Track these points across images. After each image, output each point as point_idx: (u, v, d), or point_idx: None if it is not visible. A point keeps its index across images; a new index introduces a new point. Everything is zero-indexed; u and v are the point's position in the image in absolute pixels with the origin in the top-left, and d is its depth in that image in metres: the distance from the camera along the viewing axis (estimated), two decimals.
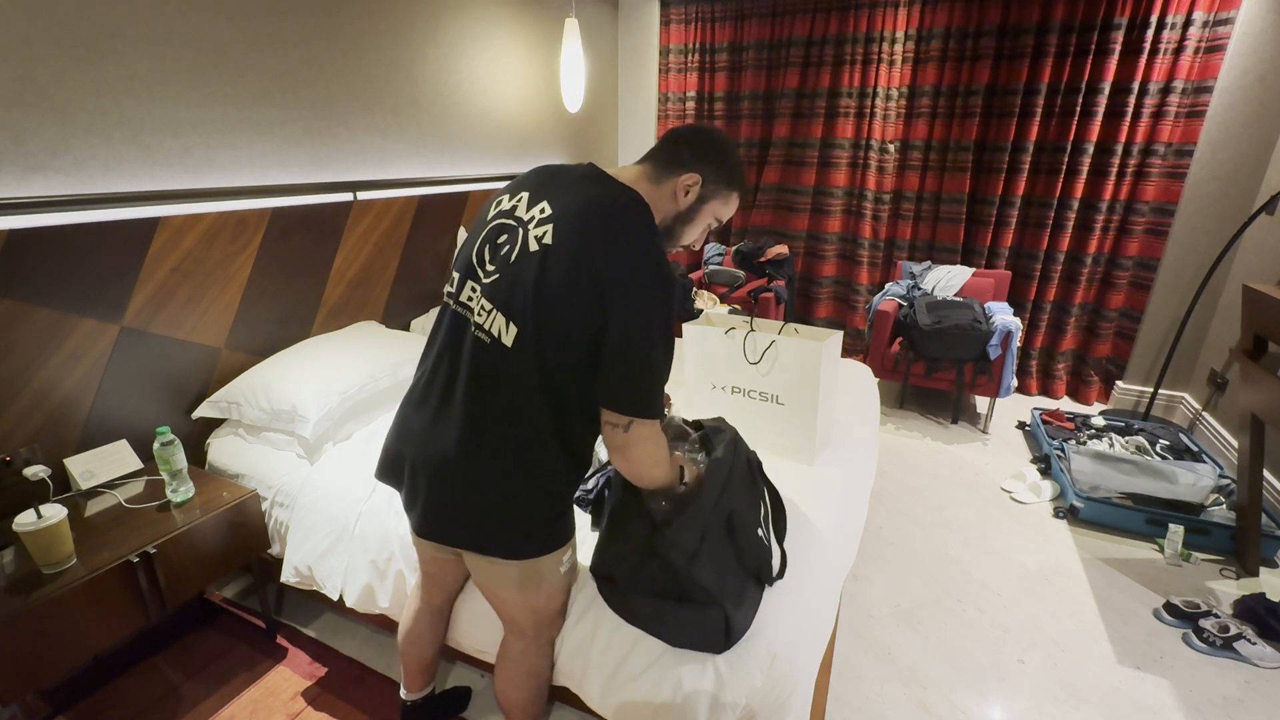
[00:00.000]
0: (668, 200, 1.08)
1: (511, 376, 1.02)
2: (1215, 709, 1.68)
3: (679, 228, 1.11)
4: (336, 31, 2.29)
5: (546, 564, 1.16)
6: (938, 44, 3.44)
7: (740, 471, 1.26)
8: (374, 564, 1.55)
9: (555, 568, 1.18)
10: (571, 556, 1.23)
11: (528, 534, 1.11)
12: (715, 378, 1.81)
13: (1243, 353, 2.20)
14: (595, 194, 1.02)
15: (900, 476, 2.82)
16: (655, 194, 1.07)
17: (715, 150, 1.08)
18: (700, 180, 1.07)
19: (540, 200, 1.04)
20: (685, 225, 1.11)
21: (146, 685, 1.70)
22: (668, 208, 1.08)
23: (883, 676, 1.76)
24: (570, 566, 1.24)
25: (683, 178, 1.07)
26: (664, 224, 1.09)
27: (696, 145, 1.07)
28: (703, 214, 1.11)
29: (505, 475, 1.06)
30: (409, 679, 1.48)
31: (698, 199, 1.09)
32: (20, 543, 1.37)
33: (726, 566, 1.16)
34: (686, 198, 1.08)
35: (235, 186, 2.00)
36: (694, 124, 1.10)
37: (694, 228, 1.12)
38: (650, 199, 1.06)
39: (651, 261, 0.97)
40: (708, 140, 1.08)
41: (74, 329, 1.64)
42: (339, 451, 1.82)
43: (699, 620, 1.14)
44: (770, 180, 4.06)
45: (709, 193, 1.09)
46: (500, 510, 1.08)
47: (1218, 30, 2.94)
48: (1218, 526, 2.27)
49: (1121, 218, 3.34)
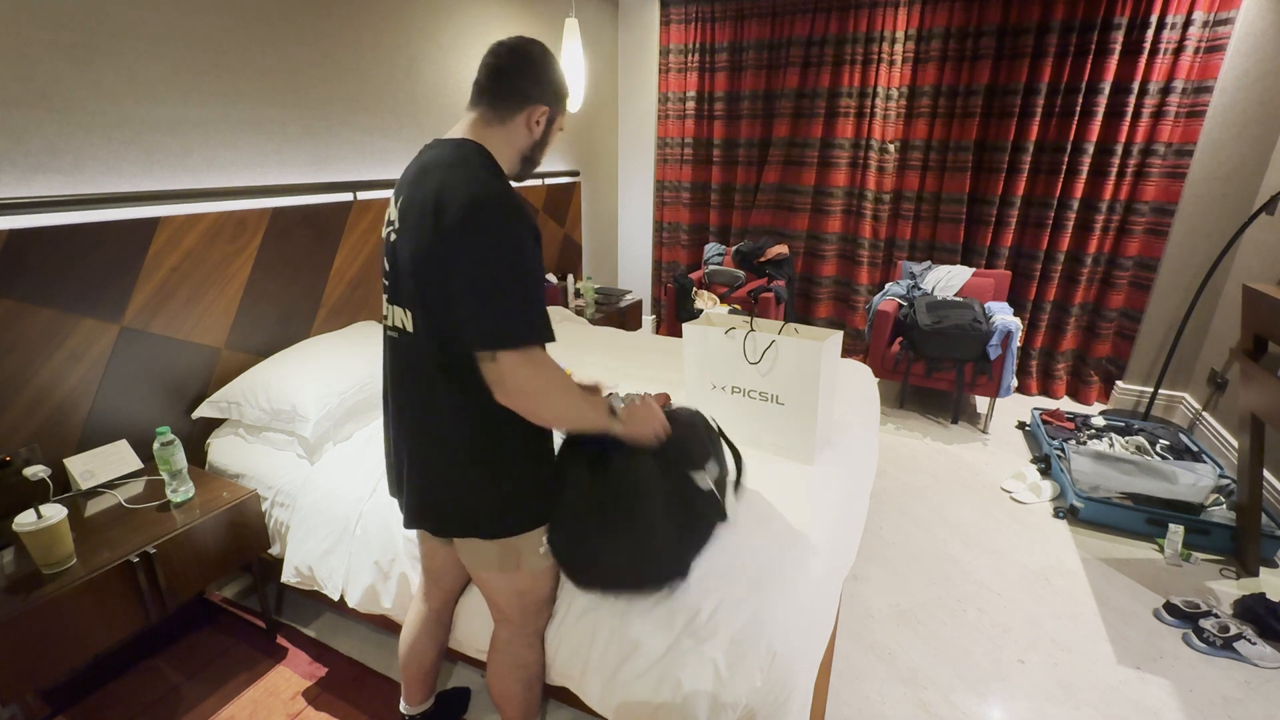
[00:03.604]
0: (521, 135, 1.11)
1: (420, 363, 1.07)
2: (1215, 709, 1.68)
3: (538, 153, 1.16)
4: (336, 31, 2.29)
5: (524, 545, 1.17)
6: (938, 44, 3.44)
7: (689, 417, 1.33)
8: (377, 565, 1.55)
9: (534, 549, 1.19)
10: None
11: (489, 515, 1.13)
12: (715, 378, 1.81)
13: (1243, 353, 2.20)
14: (426, 161, 1.06)
15: (900, 476, 2.82)
16: (503, 133, 1.09)
17: (546, 74, 1.10)
18: (546, 108, 1.12)
19: (399, 194, 1.09)
20: (543, 149, 1.17)
21: (146, 685, 1.70)
22: (522, 141, 1.12)
23: (883, 676, 1.76)
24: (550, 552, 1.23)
25: (531, 112, 1.09)
26: (524, 155, 1.13)
27: (530, 75, 1.08)
28: (552, 133, 1.17)
29: (448, 460, 1.09)
30: (408, 690, 1.48)
31: (548, 122, 1.14)
32: (20, 543, 1.37)
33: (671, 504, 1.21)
34: (539, 127, 1.12)
35: (235, 186, 2.00)
36: (511, 46, 1.08)
37: (548, 147, 1.18)
38: (499, 139, 1.08)
39: (480, 199, 0.97)
40: (537, 67, 1.09)
41: (74, 329, 1.64)
42: (339, 451, 1.82)
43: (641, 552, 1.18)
44: (770, 180, 4.06)
45: (554, 114, 1.14)
46: (459, 493, 1.11)
47: (1218, 30, 2.94)
48: (1218, 526, 2.27)
49: (1121, 218, 3.35)
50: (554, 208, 3.71)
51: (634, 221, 4.65)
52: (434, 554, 1.34)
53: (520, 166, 1.15)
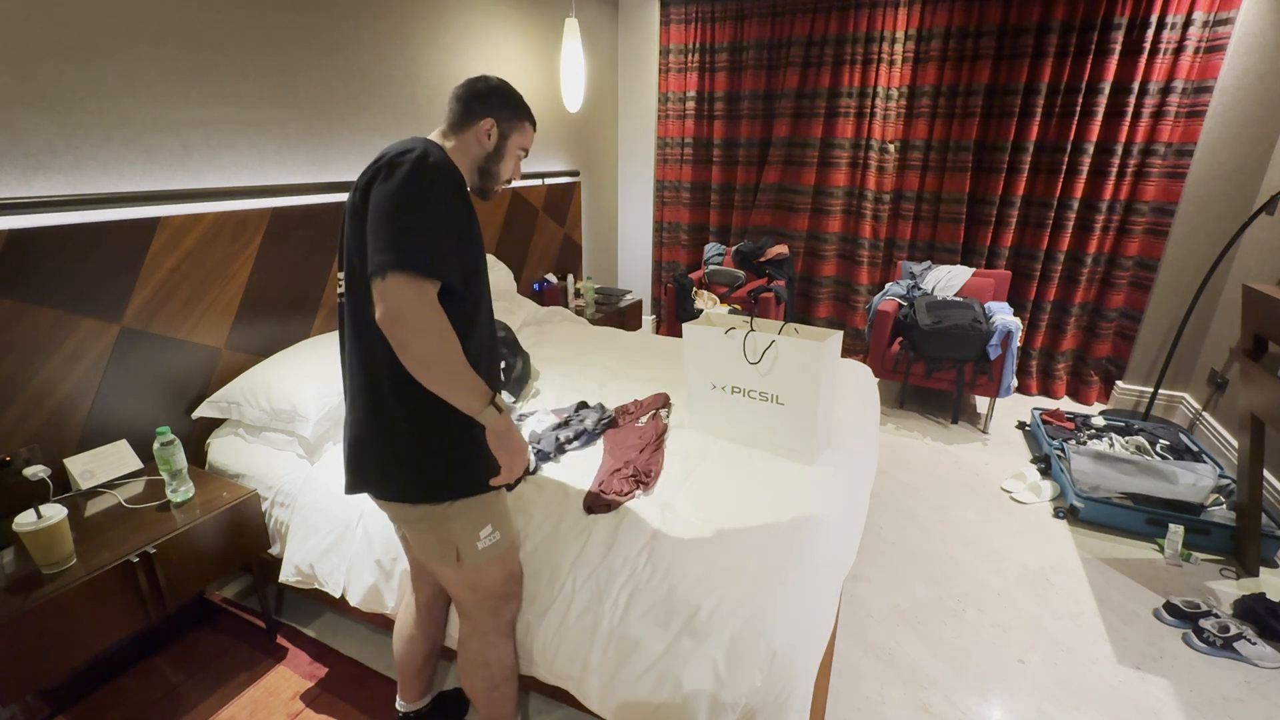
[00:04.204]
0: (476, 146, 1.22)
1: (355, 317, 1.12)
2: (1215, 709, 1.68)
3: (493, 165, 1.25)
4: (336, 31, 2.29)
5: (461, 535, 1.17)
6: (938, 44, 3.44)
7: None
8: (379, 564, 1.55)
9: (470, 540, 1.18)
10: (496, 534, 1.21)
11: (414, 472, 1.14)
12: (715, 378, 1.81)
13: (1243, 353, 2.20)
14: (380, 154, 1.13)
15: (900, 476, 2.81)
16: (462, 144, 1.21)
17: (496, 94, 1.23)
18: (495, 122, 1.22)
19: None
20: (498, 162, 1.25)
21: (146, 685, 1.70)
22: (477, 151, 1.22)
23: (883, 676, 1.76)
24: (495, 543, 1.22)
25: (480, 125, 1.21)
26: (479, 166, 1.23)
27: (479, 95, 1.21)
28: (508, 148, 1.26)
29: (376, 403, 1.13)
30: (403, 687, 1.49)
31: (500, 136, 1.23)
32: (20, 543, 1.37)
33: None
34: (490, 140, 1.22)
35: (235, 186, 2.00)
36: (470, 80, 1.23)
37: (506, 162, 1.27)
38: (459, 149, 1.20)
39: (410, 152, 1.04)
40: (486, 88, 1.22)
41: (74, 329, 1.64)
42: (340, 451, 1.82)
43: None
44: (770, 180, 4.06)
45: (506, 129, 1.24)
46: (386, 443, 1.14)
47: (1218, 30, 2.94)
48: (1218, 526, 2.27)
49: (1121, 218, 3.34)
50: (554, 208, 3.71)
51: (634, 221, 4.65)
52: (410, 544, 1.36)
53: (479, 179, 1.24)
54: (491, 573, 1.25)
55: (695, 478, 1.63)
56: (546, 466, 1.69)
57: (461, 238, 1.09)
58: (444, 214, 1.05)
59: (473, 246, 1.14)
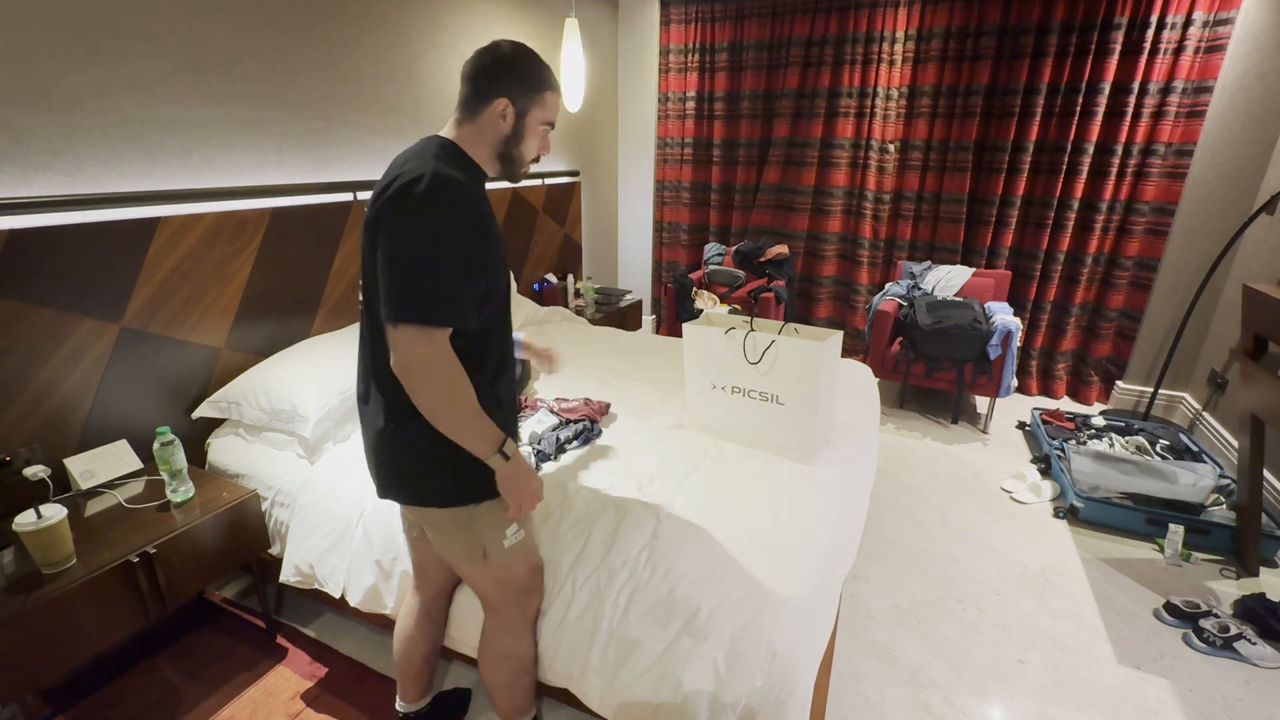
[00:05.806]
0: (491, 130, 1.13)
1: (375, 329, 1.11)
2: (1215, 709, 1.68)
3: (514, 148, 1.16)
4: (336, 32, 2.29)
5: (487, 535, 1.19)
6: (938, 44, 3.44)
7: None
8: (379, 564, 1.55)
9: (496, 539, 1.20)
10: (520, 531, 1.24)
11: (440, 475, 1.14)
12: (715, 378, 1.81)
13: (1243, 353, 2.20)
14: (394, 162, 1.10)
15: (900, 476, 2.81)
16: (477, 131, 1.13)
17: (507, 67, 1.12)
18: (509, 100, 1.11)
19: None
20: (519, 144, 1.16)
21: (146, 685, 1.70)
22: (493, 136, 1.13)
23: (883, 677, 1.76)
24: (520, 540, 1.24)
25: (493, 106, 1.11)
26: (499, 151, 1.15)
27: (488, 72, 1.11)
28: (529, 126, 1.15)
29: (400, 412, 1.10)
30: (403, 687, 1.49)
31: (517, 115, 1.13)
32: (20, 543, 1.37)
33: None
34: (506, 121, 1.13)
35: (235, 186, 2.00)
36: (482, 49, 1.13)
37: (529, 141, 1.17)
38: (474, 137, 1.13)
39: (421, 179, 0.99)
40: (494, 61, 1.12)
41: (74, 329, 1.64)
42: (339, 451, 1.82)
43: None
44: (770, 180, 4.06)
45: (523, 106, 1.13)
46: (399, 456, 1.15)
47: (1218, 30, 2.94)
48: (1218, 526, 2.27)
49: (1121, 218, 3.34)
50: (554, 208, 3.71)
51: (634, 221, 4.65)
52: (418, 545, 1.36)
53: (500, 164, 1.17)
54: (517, 568, 1.26)
55: (695, 478, 1.63)
56: (546, 466, 1.69)
57: (472, 271, 1.05)
58: (454, 247, 1.01)
59: (488, 271, 1.10)
